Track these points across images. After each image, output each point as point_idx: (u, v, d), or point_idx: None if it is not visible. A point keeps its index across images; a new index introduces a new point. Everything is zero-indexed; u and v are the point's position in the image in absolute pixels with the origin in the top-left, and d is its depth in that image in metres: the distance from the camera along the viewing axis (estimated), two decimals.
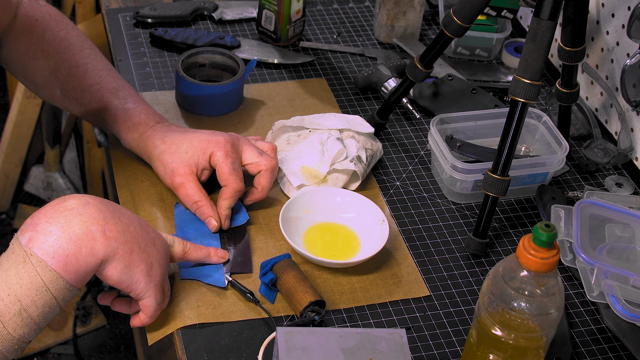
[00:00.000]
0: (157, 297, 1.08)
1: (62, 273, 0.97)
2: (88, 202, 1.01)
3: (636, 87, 1.35)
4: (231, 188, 1.23)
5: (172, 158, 1.24)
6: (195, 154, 1.23)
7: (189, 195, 1.23)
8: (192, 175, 1.23)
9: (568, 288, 1.24)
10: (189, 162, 1.23)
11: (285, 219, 1.23)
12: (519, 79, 1.20)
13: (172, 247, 1.13)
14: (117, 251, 1.01)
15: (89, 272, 1.00)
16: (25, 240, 0.97)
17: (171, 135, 1.26)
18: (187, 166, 1.23)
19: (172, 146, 1.25)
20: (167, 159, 1.24)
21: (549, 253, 0.93)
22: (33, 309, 0.97)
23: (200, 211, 1.23)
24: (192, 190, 1.23)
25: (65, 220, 0.98)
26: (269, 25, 1.61)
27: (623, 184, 1.40)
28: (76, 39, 1.33)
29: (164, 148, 1.25)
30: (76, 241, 0.98)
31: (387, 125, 1.48)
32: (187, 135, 1.26)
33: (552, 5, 1.19)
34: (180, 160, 1.23)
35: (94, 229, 0.99)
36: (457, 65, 1.61)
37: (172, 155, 1.24)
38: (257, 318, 1.15)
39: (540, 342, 0.99)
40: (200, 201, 1.23)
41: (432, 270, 1.24)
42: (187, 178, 1.23)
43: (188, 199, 1.24)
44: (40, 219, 0.98)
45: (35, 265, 0.96)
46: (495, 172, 1.23)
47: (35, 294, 0.97)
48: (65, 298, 0.99)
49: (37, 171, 2.59)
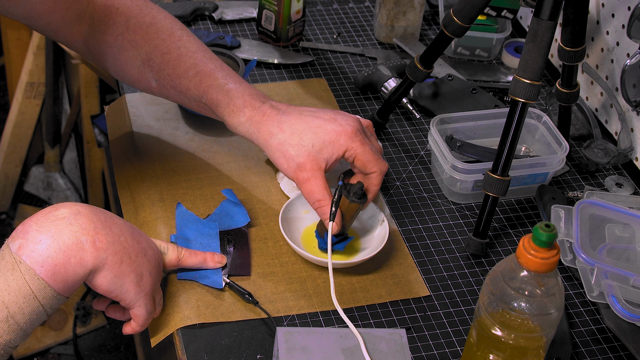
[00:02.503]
0: (147, 306, 1.08)
1: (50, 282, 0.97)
2: (79, 212, 1.01)
3: (636, 87, 1.35)
4: (381, 172, 1.17)
5: (297, 151, 1.16)
6: (325, 148, 1.15)
7: (312, 193, 1.15)
8: (320, 172, 1.16)
9: (568, 288, 1.24)
10: (317, 158, 1.15)
11: (285, 219, 1.23)
12: (519, 79, 1.20)
13: (165, 254, 1.13)
14: (107, 261, 1.01)
15: (77, 281, 1.00)
16: (15, 247, 0.97)
17: (288, 121, 1.17)
18: (315, 161, 1.15)
19: (293, 136, 1.16)
20: (290, 152, 1.16)
21: (549, 253, 0.93)
22: (20, 316, 0.97)
23: (322, 210, 1.16)
24: (318, 187, 1.15)
25: (56, 229, 0.98)
26: (269, 25, 1.61)
27: (623, 184, 1.40)
28: (164, 23, 1.25)
29: (284, 138, 1.17)
30: (65, 251, 0.98)
31: (387, 125, 1.48)
32: (309, 122, 1.17)
33: (552, 5, 1.19)
34: (307, 155, 1.15)
35: (83, 240, 0.99)
36: (457, 65, 1.61)
37: (295, 147, 1.16)
38: (257, 318, 1.15)
39: (540, 342, 0.99)
40: (323, 200, 1.15)
41: (432, 270, 1.24)
42: (314, 174, 1.15)
43: (312, 195, 1.16)
44: (31, 227, 0.98)
45: (23, 273, 0.96)
46: (495, 172, 1.23)
47: (22, 301, 0.97)
48: (52, 306, 0.99)
49: (37, 171, 2.59)
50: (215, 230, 1.23)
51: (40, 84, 2.47)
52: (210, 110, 1.24)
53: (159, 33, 1.24)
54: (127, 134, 1.41)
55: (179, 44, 1.24)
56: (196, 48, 1.25)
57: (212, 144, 1.40)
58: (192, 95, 1.23)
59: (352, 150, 1.16)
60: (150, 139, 1.40)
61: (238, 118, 1.21)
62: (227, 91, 1.21)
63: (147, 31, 1.24)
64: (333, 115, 1.18)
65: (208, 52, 1.26)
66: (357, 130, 1.17)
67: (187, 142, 1.40)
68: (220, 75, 1.22)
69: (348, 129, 1.16)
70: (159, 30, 1.24)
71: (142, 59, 1.25)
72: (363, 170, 1.17)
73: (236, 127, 1.21)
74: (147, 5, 1.27)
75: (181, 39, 1.25)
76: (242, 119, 1.20)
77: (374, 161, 1.16)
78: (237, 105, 1.20)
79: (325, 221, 1.16)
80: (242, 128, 1.21)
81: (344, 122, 1.17)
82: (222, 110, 1.21)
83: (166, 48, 1.24)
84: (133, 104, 1.46)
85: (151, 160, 1.36)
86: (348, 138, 1.16)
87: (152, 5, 1.27)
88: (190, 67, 1.23)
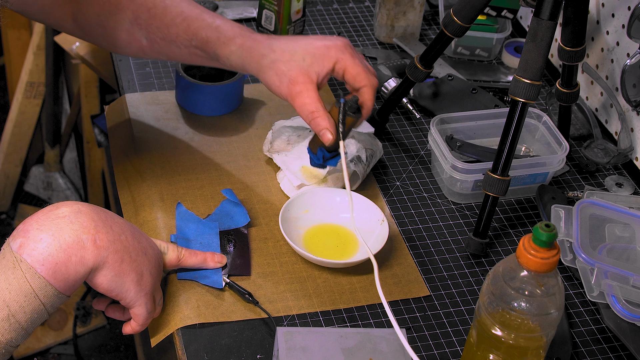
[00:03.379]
0: (147, 305, 1.08)
1: (51, 280, 0.97)
2: (80, 210, 1.01)
3: (636, 87, 1.35)
4: (372, 86, 1.17)
5: (289, 66, 1.17)
6: (315, 61, 1.17)
7: (305, 105, 1.16)
8: (312, 85, 1.17)
9: (568, 288, 1.24)
10: (308, 70, 1.16)
11: (285, 219, 1.23)
12: (519, 79, 1.20)
13: (165, 254, 1.13)
14: (107, 260, 1.01)
15: (78, 280, 1.00)
16: (16, 246, 0.97)
17: (279, 43, 1.19)
18: (306, 74, 1.16)
19: (284, 54, 1.17)
20: (281, 68, 1.17)
21: (549, 253, 0.93)
22: (21, 314, 0.97)
23: (316, 122, 1.17)
24: (310, 99, 1.16)
25: (57, 228, 0.98)
26: (269, 25, 1.61)
27: (623, 184, 1.40)
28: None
29: (276, 57, 1.18)
30: (66, 249, 0.98)
31: (387, 125, 1.48)
32: (299, 42, 1.19)
33: (552, 5, 1.19)
34: (299, 69, 1.16)
35: (84, 238, 0.99)
36: (457, 65, 1.61)
37: (287, 63, 1.17)
38: (257, 318, 1.15)
39: (540, 342, 0.99)
40: (317, 111, 1.16)
41: (432, 270, 1.24)
42: (306, 87, 1.16)
43: (304, 108, 1.16)
44: (31, 226, 0.98)
45: (24, 272, 0.97)
46: (495, 172, 1.23)
47: (23, 300, 0.97)
48: (53, 305, 0.99)
49: (37, 171, 2.59)
50: (215, 230, 1.23)
51: (40, 84, 2.47)
52: (202, 52, 1.25)
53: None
54: (127, 134, 1.41)
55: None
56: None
57: (212, 144, 1.40)
58: (182, 41, 1.25)
59: (342, 61, 1.17)
60: (150, 139, 1.40)
61: (229, 47, 1.22)
62: (216, 27, 1.23)
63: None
64: (322, 36, 1.21)
65: (192, 1, 1.28)
66: (347, 44, 1.18)
67: (187, 142, 1.40)
68: (207, 16, 1.24)
69: (338, 42, 1.18)
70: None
71: (130, 19, 1.26)
72: (354, 84, 1.18)
73: (228, 57, 1.22)
74: None
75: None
76: (234, 47, 1.21)
77: (364, 73, 1.17)
78: (227, 36, 1.22)
79: (320, 133, 1.16)
80: (234, 57, 1.22)
81: (333, 38, 1.20)
82: (213, 44, 1.23)
83: (151, 3, 1.26)
84: (133, 104, 1.46)
85: (151, 160, 1.36)
86: (338, 50, 1.17)
87: None
88: (177, 15, 1.24)
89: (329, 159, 1.19)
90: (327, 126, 1.17)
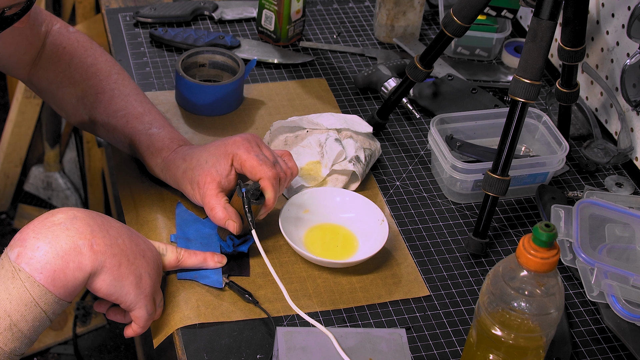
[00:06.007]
0: (147, 308, 1.08)
1: (50, 288, 0.98)
2: (76, 216, 1.01)
3: (636, 87, 1.35)
4: (267, 178, 1.18)
5: (196, 172, 1.19)
6: (215, 161, 1.19)
7: (207, 204, 1.18)
8: (214, 183, 1.18)
9: (568, 288, 1.24)
10: (211, 171, 1.18)
11: (285, 219, 1.23)
12: (519, 79, 1.20)
13: (164, 256, 1.14)
14: (105, 264, 1.02)
15: (77, 285, 1.00)
16: (14, 255, 0.98)
17: (191, 152, 1.22)
18: (209, 175, 1.18)
19: (192, 161, 1.21)
20: (190, 175, 1.20)
21: (549, 253, 0.93)
22: (23, 323, 0.98)
23: (215, 218, 1.18)
24: (211, 197, 1.18)
25: (53, 235, 0.99)
26: (269, 25, 1.61)
27: (623, 184, 1.40)
28: (104, 65, 1.32)
29: (186, 165, 1.21)
30: (63, 256, 0.98)
31: (387, 125, 1.48)
32: (207, 146, 1.22)
33: (552, 5, 1.19)
34: (203, 172, 1.19)
35: (81, 244, 1.00)
36: (457, 65, 1.61)
37: (194, 170, 1.20)
38: (256, 318, 1.15)
39: (540, 342, 0.99)
40: (215, 207, 1.17)
41: (432, 270, 1.24)
42: (211, 186, 1.18)
43: (207, 207, 1.18)
44: (28, 234, 0.99)
45: (23, 281, 0.97)
46: (495, 172, 1.23)
47: (24, 309, 0.97)
48: (55, 311, 1.00)
49: (37, 171, 2.59)
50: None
51: None
52: (135, 152, 1.29)
53: (97, 74, 1.31)
54: None
55: (113, 86, 1.30)
56: (129, 91, 1.31)
57: None
58: (119, 135, 1.29)
59: (237, 157, 1.19)
60: None
61: (155, 159, 1.26)
62: (149, 135, 1.26)
63: (87, 71, 1.31)
64: (230, 136, 1.22)
65: (141, 95, 1.31)
66: (244, 139, 1.20)
67: None
68: (146, 119, 1.28)
69: (236, 139, 1.20)
70: (97, 71, 1.31)
71: (78, 96, 1.31)
72: (252, 177, 1.19)
73: (154, 168, 1.27)
74: (92, 47, 1.33)
75: (117, 81, 1.31)
76: (159, 160, 1.25)
77: (258, 167, 1.18)
78: (156, 148, 1.25)
79: (225, 226, 1.17)
80: (158, 169, 1.26)
81: (234, 136, 1.22)
82: (143, 152, 1.27)
83: (101, 88, 1.30)
84: None
85: None
86: (234, 146, 1.19)
87: (97, 47, 1.34)
88: (120, 109, 1.29)
89: (238, 244, 1.21)
90: (226, 217, 1.17)
